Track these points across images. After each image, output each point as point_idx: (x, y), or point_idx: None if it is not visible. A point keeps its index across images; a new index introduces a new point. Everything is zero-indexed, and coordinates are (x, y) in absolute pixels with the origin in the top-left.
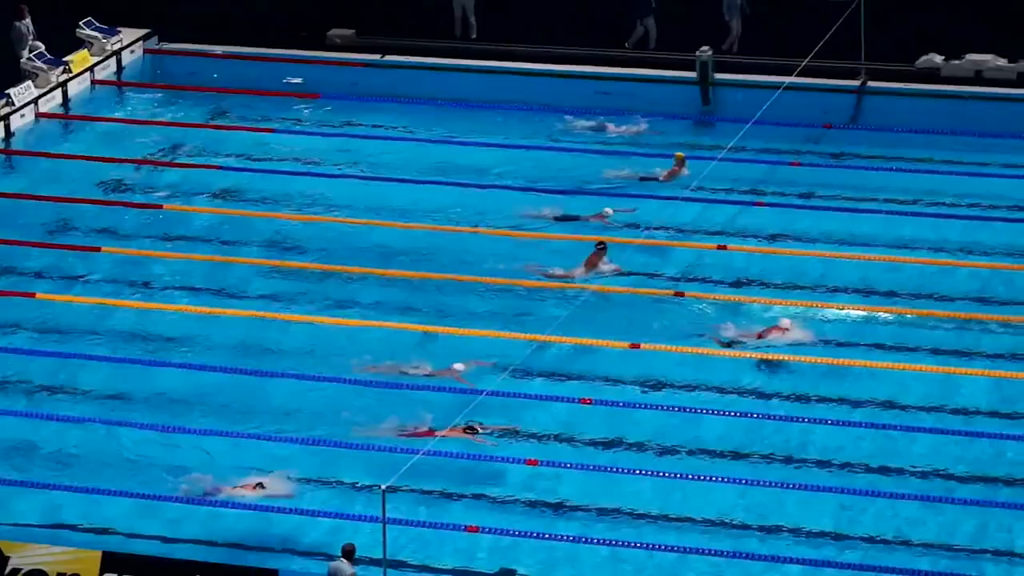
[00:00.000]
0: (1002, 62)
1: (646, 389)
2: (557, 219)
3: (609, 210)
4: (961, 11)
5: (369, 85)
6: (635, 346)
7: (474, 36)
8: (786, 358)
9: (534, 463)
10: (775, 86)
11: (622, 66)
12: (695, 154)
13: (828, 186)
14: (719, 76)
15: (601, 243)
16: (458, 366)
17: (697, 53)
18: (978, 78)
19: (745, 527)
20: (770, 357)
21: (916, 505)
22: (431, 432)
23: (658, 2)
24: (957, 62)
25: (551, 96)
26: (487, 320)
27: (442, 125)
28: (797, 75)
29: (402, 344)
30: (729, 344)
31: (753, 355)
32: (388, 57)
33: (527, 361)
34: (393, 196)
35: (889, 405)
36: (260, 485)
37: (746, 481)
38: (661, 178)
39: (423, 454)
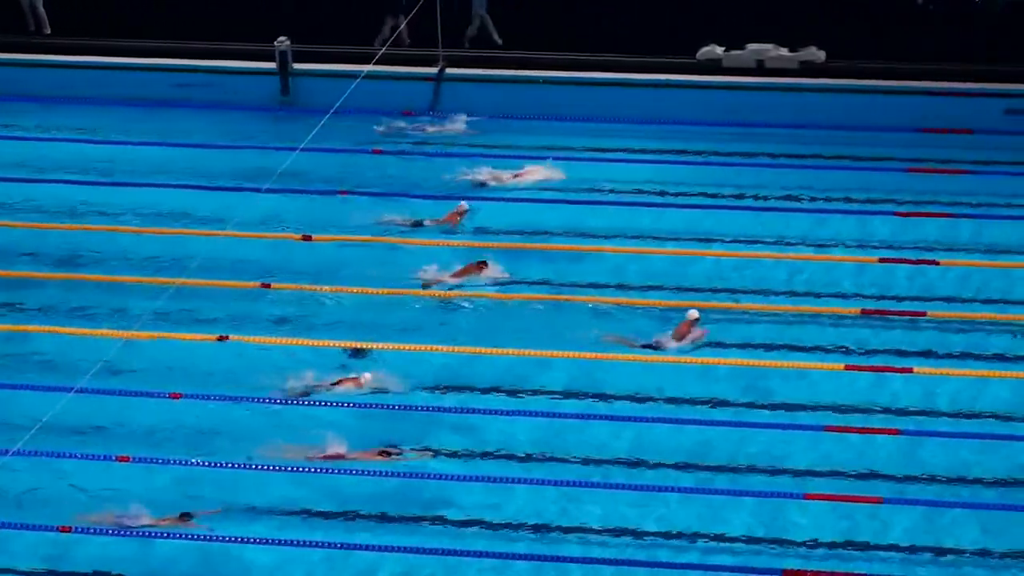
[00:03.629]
0: (783, 51)
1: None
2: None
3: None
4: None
5: None
6: (223, 338)
7: (48, 31)
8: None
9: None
10: (354, 75)
11: (203, 58)
12: (281, 145)
13: (414, 174)
14: (298, 66)
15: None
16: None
17: (275, 43)
18: (760, 68)
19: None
20: (359, 345)
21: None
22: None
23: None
24: (738, 52)
25: (128, 89)
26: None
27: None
28: (375, 64)
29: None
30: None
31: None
32: None
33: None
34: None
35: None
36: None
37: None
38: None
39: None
